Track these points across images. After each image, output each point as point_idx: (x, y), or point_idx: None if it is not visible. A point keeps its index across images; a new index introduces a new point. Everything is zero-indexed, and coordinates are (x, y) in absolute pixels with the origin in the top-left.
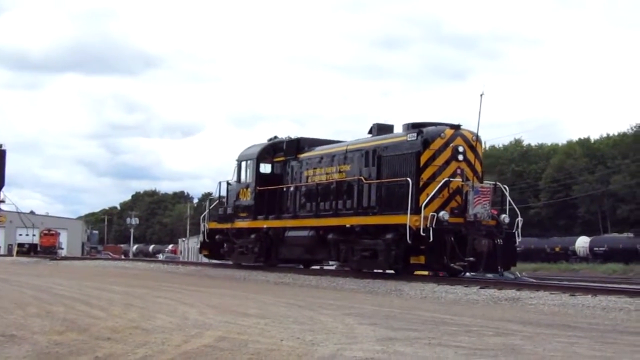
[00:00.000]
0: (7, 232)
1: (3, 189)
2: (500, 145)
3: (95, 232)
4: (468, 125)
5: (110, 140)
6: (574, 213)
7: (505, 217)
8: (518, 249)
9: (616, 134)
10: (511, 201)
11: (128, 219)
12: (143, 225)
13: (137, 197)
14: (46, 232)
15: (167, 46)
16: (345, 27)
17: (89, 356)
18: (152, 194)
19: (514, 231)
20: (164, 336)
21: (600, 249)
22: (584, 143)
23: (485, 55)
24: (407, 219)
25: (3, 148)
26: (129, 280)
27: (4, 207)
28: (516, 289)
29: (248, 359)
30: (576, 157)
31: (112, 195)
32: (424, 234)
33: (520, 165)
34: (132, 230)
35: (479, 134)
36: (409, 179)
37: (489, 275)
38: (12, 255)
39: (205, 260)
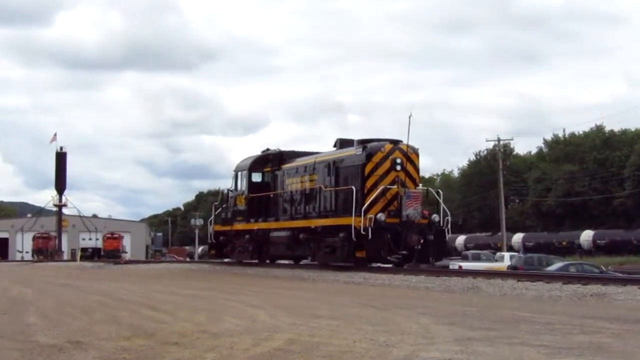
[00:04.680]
0: (70, 236)
1: (65, 192)
2: (581, 132)
3: (159, 234)
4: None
5: (171, 139)
6: None
7: (435, 217)
8: (602, 242)
9: None
10: (444, 206)
11: (192, 220)
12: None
13: (200, 197)
14: (109, 235)
15: (225, 37)
16: (407, 11)
17: None
18: (216, 193)
19: (444, 228)
20: (232, 340)
21: None
22: None
23: (559, 35)
24: (352, 220)
25: (64, 151)
26: (195, 282)
27: (66, 211)
28: (602, 284)
29: None
30: None
31: (174, 195)
32: (364, 233)
33: (602, 152)
34: (196, 231)
35: (415, 147)
36: (353, 186)
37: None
38: (75, 260)
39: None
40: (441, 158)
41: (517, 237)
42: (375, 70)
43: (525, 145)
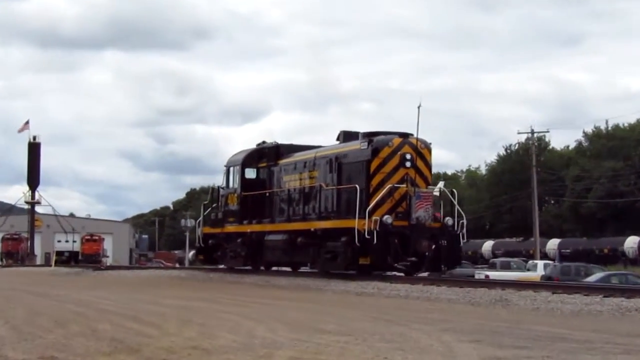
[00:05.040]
0: (44, 238)
1: (38, 188)
2: (626, 124)
3: (145, 236)
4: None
5: (159, 129)
6: None
7: (448, 220)
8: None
9: None
10: (458, 208)
11: (182, 221)
12: None
13: (192, 195)
14: (88, 237)
15: (222, 13)
16: None
17: None
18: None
19: (458, 232)
20: (227, 357)
21: None
22: None
23: (600, 13)
24: (356, 223)
25: (37, 141)
26: (185, 292)
27: (39, 209)
28: None
29: None
30: None
31: (162, 192)
32: (368, 237)
33: None
34: (187, 234)
35: (427, 141)
36: (357, 185)
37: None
38: (50, 266)
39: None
40: (466, 152)
41: (552, 244)
42: (389, 52)
43: (563, 139)
